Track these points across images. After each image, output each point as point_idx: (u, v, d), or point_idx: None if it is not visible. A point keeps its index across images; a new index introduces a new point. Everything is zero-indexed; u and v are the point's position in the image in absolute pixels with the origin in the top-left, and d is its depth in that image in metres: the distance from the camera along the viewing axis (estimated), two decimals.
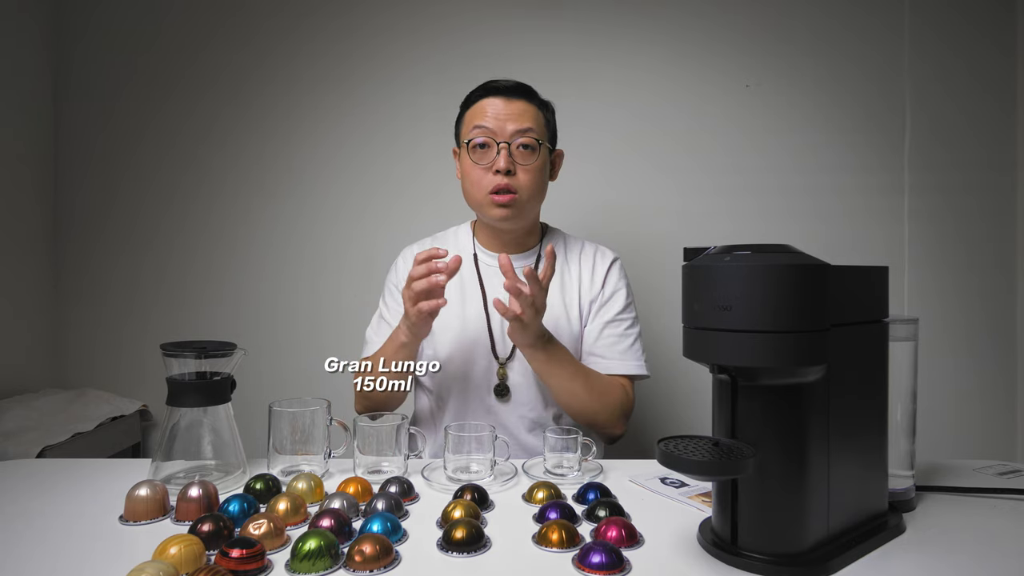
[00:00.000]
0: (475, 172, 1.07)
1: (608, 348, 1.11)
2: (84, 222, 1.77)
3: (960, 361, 1.67)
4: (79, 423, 1.46)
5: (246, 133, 1.75)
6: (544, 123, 1.10)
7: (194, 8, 1.75)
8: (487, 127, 1.05)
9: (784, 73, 1.68)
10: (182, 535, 0.58)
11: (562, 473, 0.84)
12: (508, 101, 1.07)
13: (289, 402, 0.84)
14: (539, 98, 1.11)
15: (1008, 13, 1.67)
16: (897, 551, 0.63)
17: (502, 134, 1.05)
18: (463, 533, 0.62)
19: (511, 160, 1.04)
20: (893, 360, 0.69)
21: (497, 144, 1.04)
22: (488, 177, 1.05)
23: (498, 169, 1.04)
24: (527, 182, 1.06)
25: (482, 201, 1.07)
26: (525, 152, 1.06)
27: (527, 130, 1.05)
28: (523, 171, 1.06)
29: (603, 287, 1.14)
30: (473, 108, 1.09)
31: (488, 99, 1.08)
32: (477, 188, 1.07)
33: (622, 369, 1.09)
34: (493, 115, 1.06)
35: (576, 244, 1.19)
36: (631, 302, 1.16)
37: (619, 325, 1.12)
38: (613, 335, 1.11)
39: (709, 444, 0.59)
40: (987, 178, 1.67)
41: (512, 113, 1.06)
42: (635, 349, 1.12)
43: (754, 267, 0.55)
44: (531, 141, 1.06)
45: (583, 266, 1.15)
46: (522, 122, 1.05)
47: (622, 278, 1.16)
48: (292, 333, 1.72)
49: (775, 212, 1.68)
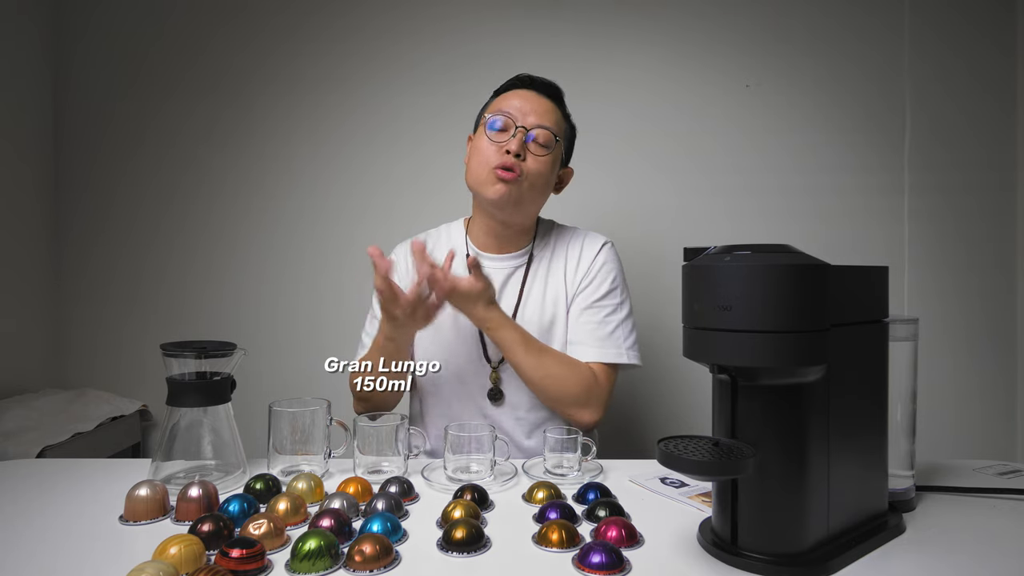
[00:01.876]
0: (486, 148, 1.05)
1: (586, 334, 1.07)
2: (84, 222, 1.77)
3: (960, 361, 1.67)
4: (79, 423, 1.46)
5: (246, 133, 1.75)
6: (565, 130, 1.12)
7: (194, 8, 1.75)
8: (509, 112, 1.06)
9: (784, 73, 1.68)
10: (182, 535, 0.58)
11: (562, 473, 0.84)
12: (538, 96, 1.08)
13: (289, 402, 0.84)
14: (566, 110, 1.13)
15: (1008, 13, 1.67)
16: (897, 551, 0.63)
17: (522, 120, 1.05)
18: (463, 533, 0.62)
19: (524, 146, 1.05)
20: (893, 360, 0.69)
21: (515, 127, 1.05)
22: (497, 154, 1.05)
23: (508, 150, 1.03)
24: (534, 169, 1.05)
25: (484, 178, 1.05)
26: (539, 145, 1.06)
27: (547, 127, 1.06)
28: (533, 159, 1.05)
29: (588, 271, 1.11)
30: (503, 96, 1.10)
31: (520, 90, 1.09)
32: (482, 164, 1.05)
33: (597, 356, 1.05)
34: (519, 105, 1.06)
35: (567, 233, 1.17)
36: (617, 287, 1.11)
37: (599, 311, 1.08)
38: (592, 321, 1.08)
39: (709, 444, 0.59)
40: (987, 178, 1.67)
41: (538, 108, 1.07)
42: (616, 336, 1.07)
43: (754, 267, 0.55)
44: (548, 136, 1.06)
45: (570, 253, 1.14)
46: (545, 119, 1.06)
47: (609, 262, 1.12)
48: (292, 333, 1.72)
49: (775, 212, 1.68)
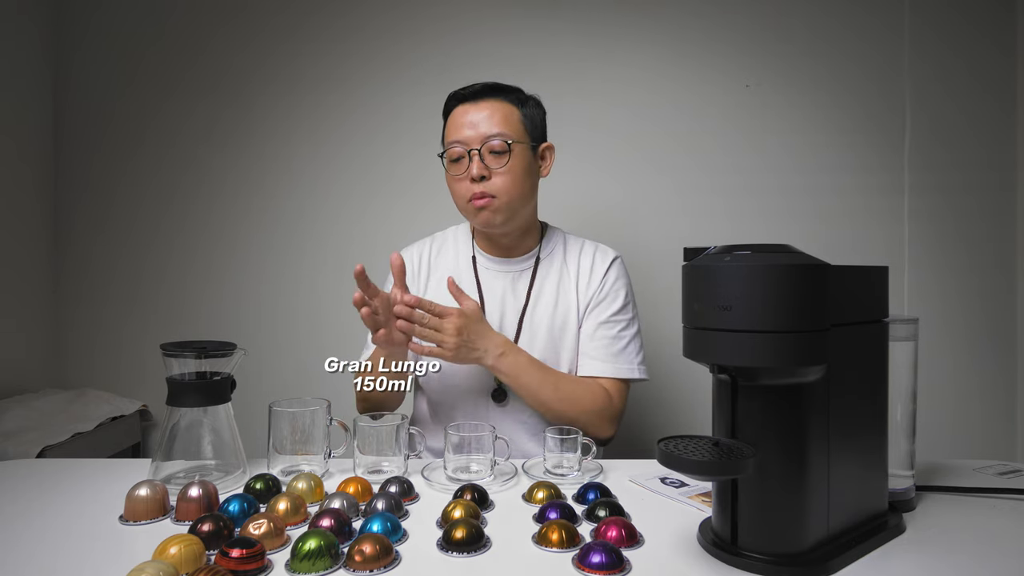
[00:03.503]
0: (454, 185, 1.08)
1: (600, 349, 1.09)
2: (84, 222, 1.77)
3: (960, 361, 1.67)
4: (79, 423, 1.46)
5: (246, 133, 1.75)
6: (520, 119, 1.07)
7: (194, 8, 1.75)
8: (458, 139, 1.05)
9: (784, 73, 1.68)
10: (182, 535, 0.58)
11: (562, 473, 0.84)
12: (475, 105, 1.06)
13: (289, 402, 0.84)
14: (513, 95, 1.08)
15: (1008, 13, 1.67)
16: (897, 551, 0.63)
17: (472, 141, 1.04)
18: (463, 533, 0.62)
19: (483, 166, 1.04)
20: (893, 360, 0.69)
21: (467, 152, 1.04)
22: (465, 185, 1.05)
23: (472, 177, 1.04)
24: (503, 184, 1.04)
25: (465, 210, 1.08)
26: (496, 156, 1.04)
27: (496, 134, 1.04)
28: (497, 175, 1.04)
29: (601, 286, 1.12)
30: (448, 120, 1.09)
31: (458, 107, 1.07)
32: (458, 198, 1.08)
33: (611, 372, 1.07)
34: (463, 123, 1.05)
35: (576, 243, 1.18)
36: (629, 303, 1.13)
37: (613, 326, 1.10)
38: (606, 336, 1.09)
39: (709, 444, 0.59)
40: (987, 178, 1.67)
41: (480, 118, 1.05)
42: (628, 352, 1.10)
43: (754, 267, 0.55)
44: (500, 144, 1.04)
45: (582, 265, 1.14)
46: (490, 126, 1.04)
47: (621, 277, 1.14)
48: (292, 333, 1.72)
49: (775, 212, 1.68)
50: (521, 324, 1.10)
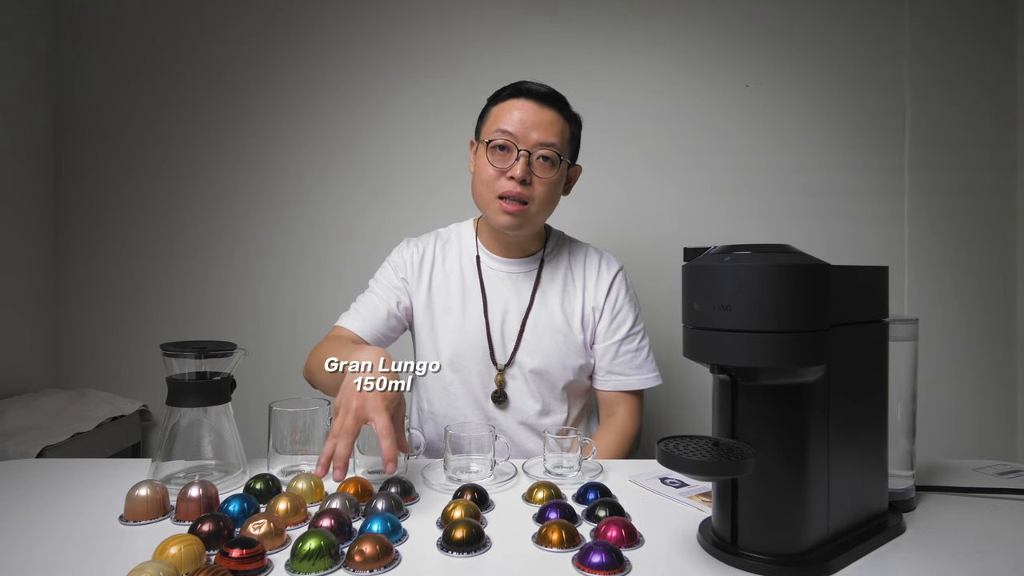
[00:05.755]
0: (489, 171, 1.03)
1: (625, 365, 1.12)
2: (84, 222, 1.77)
3: (960, 361, 1.67)
4: (79, 423, 1.46)
5: (246, 134, 1.75)
6: (569, 137, 1.07)
7: (194, 8, 1.75)
8: (511, 132, 1.01)
9: (784, 73, 1.68)
10: (182, 535, 0.58)
11: (562, 473, 0.83)
12: (538, 108, 1.03)
13: (289, 402, 0.84)
14: (569, 110, 1.07)
15: (1008, 13, 1.67)
16: (897, 551, 0.63)
17: (525, 142, 1.01)
18: (463, 533, 0.62)
19: (528, 170, 1.02)
20: (893, 360, 0.68)
21: (518, 150, 1.01)
22: (501, 181, 1.03)
23: (513, 176, 1.01)
24: (541, 194, 1.03)
25: (490, 203, 1.05)
26: (544, 164, 1.03)
27: (551, 144, 1.02)
28: (539, 182, 1.03)
29: (608, 299, 1.12)
30: (501, 106, 1.05)
31: (518, 100, 1.04)
32: (488, 188, 1.04)
33: (642, 384, 1.12)
34: (520, 119, 1.02)
35: (580, 250, 1.17)
36: (639, 313, 1.16)
37: (632, 340, 1.13)
38: (629, 351, 1.12)
39: (709, 444, 0.59)
40: (987, 178, 1.67)
41: (540, 122, 1.02)
42: (650, 360, 1.14)
43: (754, 267, 0.55)
44: (552, 155, 1.02)
45: (588, 273, 1.14)
46: (548, 134, 1.02)
47: (628, 289, 1.16)
48: (292, 333, 1.72)
49: (775, 212, 1.68)
50: (524, 326, 1.10)
